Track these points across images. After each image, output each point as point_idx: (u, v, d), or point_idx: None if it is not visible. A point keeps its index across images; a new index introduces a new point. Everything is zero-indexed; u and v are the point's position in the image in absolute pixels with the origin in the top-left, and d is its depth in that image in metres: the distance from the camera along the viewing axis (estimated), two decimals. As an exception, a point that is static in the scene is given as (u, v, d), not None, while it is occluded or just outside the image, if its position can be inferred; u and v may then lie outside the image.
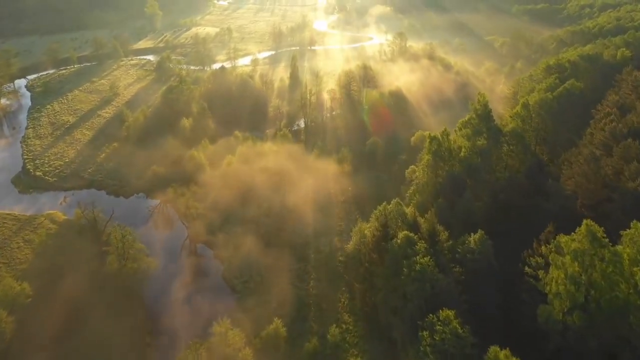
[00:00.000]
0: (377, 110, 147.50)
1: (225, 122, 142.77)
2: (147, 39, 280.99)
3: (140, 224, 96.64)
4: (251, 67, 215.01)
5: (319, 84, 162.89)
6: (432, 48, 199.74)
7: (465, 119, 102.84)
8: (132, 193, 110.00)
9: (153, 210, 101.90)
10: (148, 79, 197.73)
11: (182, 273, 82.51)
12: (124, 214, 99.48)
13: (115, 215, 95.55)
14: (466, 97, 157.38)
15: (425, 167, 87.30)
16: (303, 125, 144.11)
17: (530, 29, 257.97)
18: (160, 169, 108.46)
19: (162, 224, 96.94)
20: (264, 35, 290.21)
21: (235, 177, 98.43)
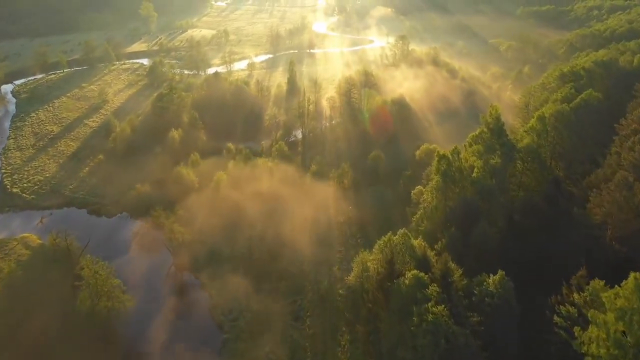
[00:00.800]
0: (378, 113, 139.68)
1: (218, 132, 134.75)
2: (141, 41, 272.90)
3: (121, 249, 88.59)
4: (247, 71, 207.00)
5: (317, 91, 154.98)
6: (436, 52, 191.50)
7: (475, 133, 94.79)
8: (115, 213, 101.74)
9: (136, 233, 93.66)
10: (140, 85, 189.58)
11: (165, 309, 74.29)
12: (104, 237, 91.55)
13: (95, 239, 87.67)
14: (473, 106, 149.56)
15: (434, 190, 79.08)
16: (300, 135, 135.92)
17: (536, 31, 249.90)
18: (144, 188, 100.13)
19: (144, 249, 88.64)
20: (262, 37, 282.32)
21: (226, 201, 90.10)
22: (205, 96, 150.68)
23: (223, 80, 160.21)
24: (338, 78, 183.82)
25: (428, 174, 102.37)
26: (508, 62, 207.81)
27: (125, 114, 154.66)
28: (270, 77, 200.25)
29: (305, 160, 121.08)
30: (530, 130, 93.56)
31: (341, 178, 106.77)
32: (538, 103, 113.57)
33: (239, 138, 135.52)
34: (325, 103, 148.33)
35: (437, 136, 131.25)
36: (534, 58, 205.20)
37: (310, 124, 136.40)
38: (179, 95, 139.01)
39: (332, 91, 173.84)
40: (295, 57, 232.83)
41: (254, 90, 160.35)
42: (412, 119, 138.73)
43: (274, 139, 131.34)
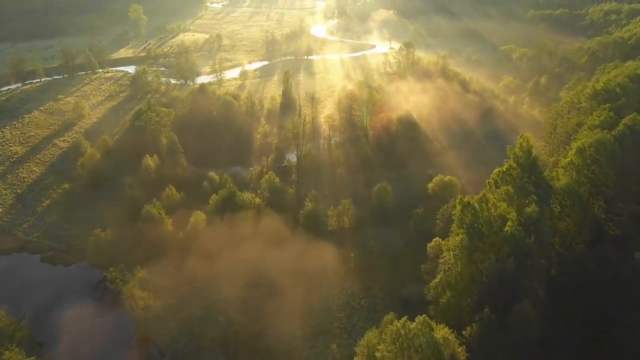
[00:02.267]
0: (382, 133, 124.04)
1: (201, 156, 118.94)
2: (129, 47, 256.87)
3: (76, 311, 72.74)
4: (240, 81, 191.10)
5: (314, 106, 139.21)
6: (445, 62, 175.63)
7: (503, 169, 78.75)
8: (73, 261, 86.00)
9: (96, 289, 77.84)
10: (121, 97, 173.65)
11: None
12: (53, 296, 75.71)
13: (40, 301, 71.97)
14: (490, 125, 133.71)
15: (458, 250, 63.20)
16: (295, 158, 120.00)
17: (550, 37, 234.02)
18: (106, 234, 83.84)
19: (103, 313, 72.80)
20: (257, 42, 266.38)
21: (201, 262, 74.23)
22: (188, 113, 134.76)
23: (209, 95, 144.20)
24: (337, 90, 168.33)
25: (444, 213, 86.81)
26: (522, 72, 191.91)
27: (101, 132, 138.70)
28: (264, 88, 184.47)
29: (299, 191, 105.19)
30: (569, 167, 77.74)
31: (341, 216, 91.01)
32: (569, 127, 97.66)
33: (226, 162, 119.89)
34: (324, 120, 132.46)
35: (451, 162, 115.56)
36: (550, 67, 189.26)
37: (305, 146, 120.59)
38: (157, 113, 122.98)
39: (330, 105, 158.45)
40: (292, 65, 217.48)
41: (244, 104, 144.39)
42: (422, 141, 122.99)
43: (265, 164, 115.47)
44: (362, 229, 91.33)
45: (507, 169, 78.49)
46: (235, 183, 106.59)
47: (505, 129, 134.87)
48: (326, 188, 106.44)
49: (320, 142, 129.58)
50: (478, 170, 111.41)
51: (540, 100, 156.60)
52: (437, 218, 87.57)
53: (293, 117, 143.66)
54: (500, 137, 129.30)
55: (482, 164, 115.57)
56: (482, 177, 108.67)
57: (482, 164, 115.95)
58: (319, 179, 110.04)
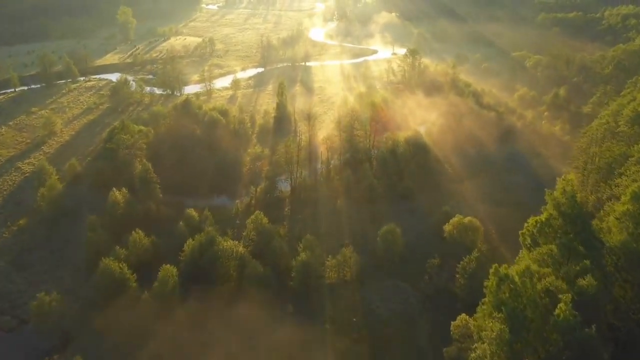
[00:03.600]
0: (388, 158, 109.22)
1: (182, 184, 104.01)
2: (116, 52, 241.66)
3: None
4: (231, 91, 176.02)
5: (312, 123, 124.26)
6: (455, 71, 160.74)
7: (541, 219, 63.94)
8: (17, 323, 70.98)
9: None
10: (101, 109, 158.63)
11: None
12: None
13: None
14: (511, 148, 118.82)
15: (495, 345, 48.12)
16: (289, 187, 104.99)
17: (564, 42, 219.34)
18: (52, 299, 68.47)
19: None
20: (252, 47, 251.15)
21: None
22: (169, 132, 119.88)
23: (194, 110, 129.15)
24: (337, 102, 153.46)
25: (466, 268, 71.83)
26: (537, 81, 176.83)
27: (72, 153, 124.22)
28: (258, 99, 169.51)
29: (293, 229, 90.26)
30: (624, 218, 62.64)
31: (342, 267, 76.03)
32: (611, 158, 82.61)
33: (210, 191, 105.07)
34: (322, 141, 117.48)
35: (468, 193, 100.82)
36: (568, 76, 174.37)
37: (301, 173, 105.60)
38: (132, 134, 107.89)
39: (330, 119, 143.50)
40: (288, 72, 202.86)
41: (234, 121, 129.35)
42: (433, 166, 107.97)
43: (254, 195, 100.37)
44: (367, 282, 76.42)
45: (546, 219, 63.63)
46: (219, 219, 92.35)
47: (526, 151, 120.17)
48: (324, 225, 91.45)
49: (317, 166, 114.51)
50: (500, 203, 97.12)
51: (561, 116, 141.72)
52: (457, 272, 72.67)
53: (288, 135, 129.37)
54: (521, 160, 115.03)
55: (504, 194, 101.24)
56: (505, 212, 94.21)
57: (504, 193, 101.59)
58: (315, 214, 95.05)
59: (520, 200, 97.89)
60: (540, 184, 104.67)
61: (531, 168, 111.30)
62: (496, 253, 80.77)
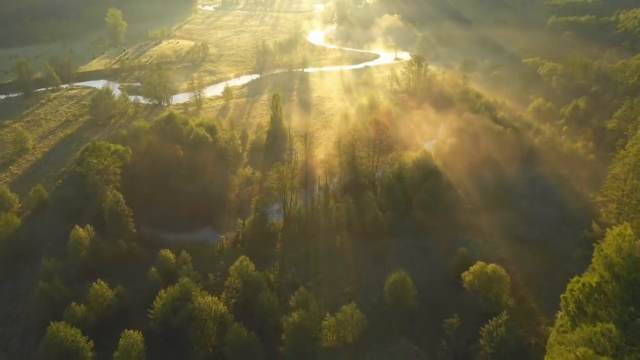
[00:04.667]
0: (394, 185, 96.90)
1: (160, 215, 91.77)
2: (103, 56, 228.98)
3: None
4: (223, 101, 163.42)
5: (309, 141, 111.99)
6: (465, 82, 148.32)
7: (590, 282, 51.74)
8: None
9: None
10: (80, 122, 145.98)
11: None
12: None
13: None
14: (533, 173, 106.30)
15: None
16: (282, 218, 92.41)
17: (577, 47, 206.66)
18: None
19: None
20: (248, 51, 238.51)
21: None
22: (149, 152, 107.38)
23: (178, 126, 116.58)
24: (337, 116, 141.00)
25: (492, 332, 59.26)
26: (552, 91, 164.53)
27: (43, 173, 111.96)
28: (251, 110, 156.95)
29: (284, 274, 77.72)
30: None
31: (342, 328, 63.51)
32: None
33: (193, 222, 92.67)
34: (319, 163, 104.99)
35: (487, 227, 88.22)
36: (585, 85, 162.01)
37: (295, 203, 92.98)
38: (105, 157, 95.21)
39: (329, 136, 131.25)
40: (285, 80, 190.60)
41: (223, 138, 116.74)
42: (445, 194, 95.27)
43: (241, 229, 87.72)
44: (372, 345, 63.91)
45: (597, 283, 51.17)
46: (200, 258, 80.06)
47: (547, 173, 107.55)
48: (321, 268, 78.97)
49: (315, 191, 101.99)
50: (524, 240, 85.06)
51: (583, 131, 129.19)
52: (480, 336, 60.25)
53: (282, 153, 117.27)
54: (544, 186, 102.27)
55: (527, 228, 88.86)
56: (531, 252, 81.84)
57: (527, 227, 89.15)
58: (311, 253, 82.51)
59: (547, 237, 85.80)
60: (566, 215, 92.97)
61: (555, 195, 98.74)
62: (525, 308, 68.51)
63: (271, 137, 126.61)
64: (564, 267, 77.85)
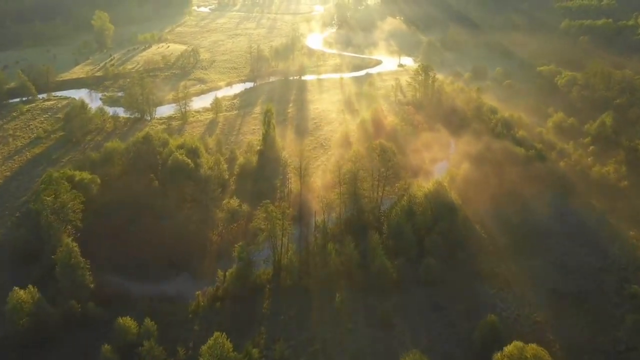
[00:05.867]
0: (403, 224, 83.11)
1: (129, 259, 77.84)
2: (87, 62, 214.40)
3: None
4: (212, 114, 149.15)
5: (304, 168, 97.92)
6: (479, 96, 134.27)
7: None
8: None
9: None
10: (52, 139, 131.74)
11: None
12: None
13: None
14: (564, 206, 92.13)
15: None
16: (270, 264, 78.21)
17: (594, 53, 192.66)
18: None
19: None
20: (242, 56, 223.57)
21: None
22: (120, 181, 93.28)
23: (157, 148, 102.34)
24: (337, 136, 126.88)
25: None
26: (572, 103, 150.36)
27: (1, 204, 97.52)
28: (242, 125, 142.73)
29: (270, 345, 63.54)
30: None
31: None
32: None
33: (165, 269, 78.66)
34: (317, 195, 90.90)
35: (517, 281, 74.01)
36: (608, 97, 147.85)
37: (287, 248, 78.77)
38: (64, 190, 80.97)
39: (327, 156, 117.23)
40: (281, 89, 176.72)
41: (207, 161, 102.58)
42: (463, 236, 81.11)
43: (221, 282, 73.54)
44: None
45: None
46: (170, 321, 66.04)
47: (580, 206, 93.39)
48: (317, 333, 64.93)
49: (310, 230, 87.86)
50: (563, 297, 70.91)
51: (612, 153, 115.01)
52: None
53: (274, 181, 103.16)
54: (578, 222, 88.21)
55: (564, 279, 74.85)
56: (572, 315, 67.73)
57: (564, 278, 75.16)
58: (304, 316, 68.34)
59: (587, 290, 72.11)
60: (606, 259, 78.95)
61: (591, 234, 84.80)
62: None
63: (262, 159, 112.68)
64: (613, 334, 64.19)
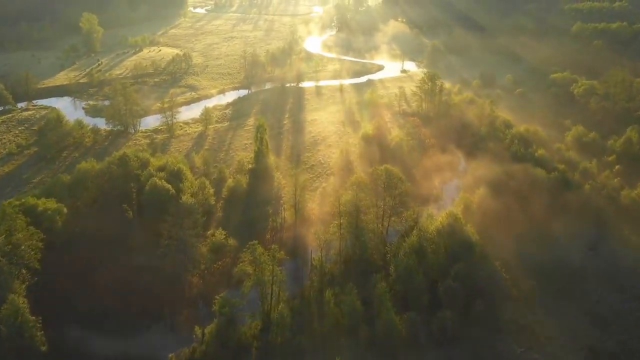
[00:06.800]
0: (412, 267, 72.19)
1: (94, 307, 66.84)
2: (73, 67, 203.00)
3: None
4: (201, 127, 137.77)
5: (299, 195, 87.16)
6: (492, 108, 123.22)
7: None
8: None
9: None
10: (25, 156, 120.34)
11: None
12: None
13: None
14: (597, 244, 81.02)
15: None
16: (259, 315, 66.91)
17: (610, 59, 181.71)
18: None
19: None
20: (237, 60, 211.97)
21: None
22: (89, 211, 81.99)
23: (135, 171, 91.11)
24: (337, 152, 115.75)
25: None
26: (590, 114, 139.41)
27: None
28: (234, 139, 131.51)
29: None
30: None
31: None
32: None
33: (137, 319, 67.40)
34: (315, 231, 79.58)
35: (548, 336, 62.92)
36: (630, 108, 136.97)
37: (278, 298, 67.45)
38: (18, 228, 69.61)
39: (325, 175, 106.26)
40: (277, 98, 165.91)
41: (190, 186, 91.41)
42: (483, 279, 69.91)
43: (199, 341, 62.26)
44: None
45: None
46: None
47: (612, 238, 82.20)
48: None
49: (306, 272, 76.71)
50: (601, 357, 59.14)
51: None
52: None
53: (266, 207, 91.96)
54: (613, 260, 77.00)
55: (602, 332, 63.66)
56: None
57: (601, 330, 64.02)
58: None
59: (631, 348, 60.99)
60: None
61: (629, 274, 73.77)
62: None
63: (254, 180, 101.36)
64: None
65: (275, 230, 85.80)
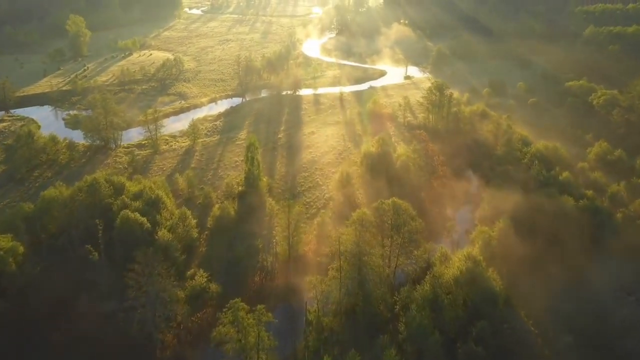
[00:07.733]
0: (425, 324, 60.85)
1: None
2: (57, 73, 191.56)
3: None
4: (189, 141, 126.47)
5: (293, 228, 76.28)
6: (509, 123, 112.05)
7: None
8: None
9: None
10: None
11: None
12: None
13: None
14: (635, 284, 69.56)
15: None
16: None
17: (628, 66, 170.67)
18: None
19: None
20: (231, 66, 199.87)
21: None
22: (55, 245, 70.73)
23: (106, 200, 79.88)
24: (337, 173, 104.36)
25: None
26: (614, 128, 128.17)
27: None
28: (223, 155, 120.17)
29: None
30: None
31: None
32: None
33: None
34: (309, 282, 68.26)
35: None
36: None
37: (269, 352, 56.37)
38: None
39: (323, 201, 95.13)
40: (272, 108, 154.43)
41: (169, 219, 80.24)
42: (511, 340, 58.71)
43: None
44: None
45: None
46: None
47: None
48: None
49: (299, 328, 65.43)
50: None
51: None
52: None
53: (255, 241, 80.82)
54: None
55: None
56: None
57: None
58: None
59: None
60: None
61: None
62: None
63: (243, 206, 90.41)
64: None
65: (266, 272, 74.55)
